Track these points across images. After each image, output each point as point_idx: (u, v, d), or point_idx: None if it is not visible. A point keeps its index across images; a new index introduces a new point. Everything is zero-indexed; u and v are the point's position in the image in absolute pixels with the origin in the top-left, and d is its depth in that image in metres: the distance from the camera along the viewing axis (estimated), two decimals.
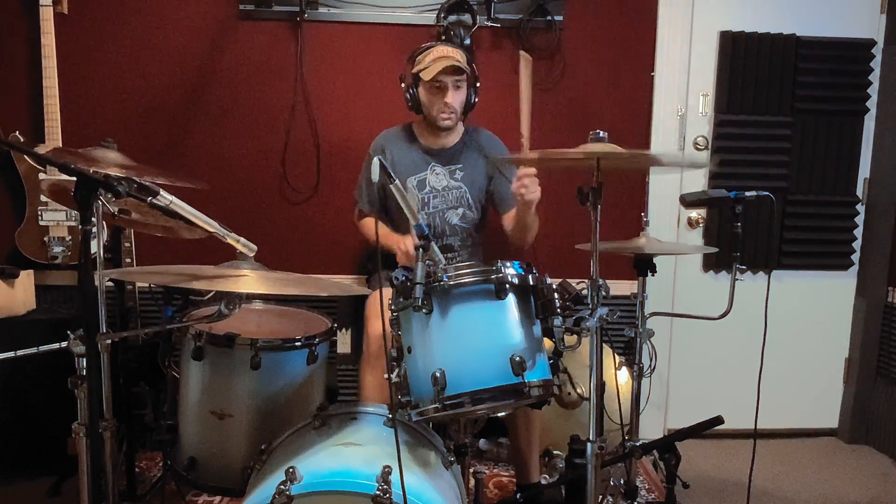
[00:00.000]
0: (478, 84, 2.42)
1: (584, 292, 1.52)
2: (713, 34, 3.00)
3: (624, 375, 2.72)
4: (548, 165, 2.37)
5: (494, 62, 2.89)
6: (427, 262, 1.50)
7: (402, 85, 2.39)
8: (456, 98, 2.34)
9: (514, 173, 2.16)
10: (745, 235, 2.12)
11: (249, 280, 1.47)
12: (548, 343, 1.57)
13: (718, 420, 2.09)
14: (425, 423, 1.66)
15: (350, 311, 2.54)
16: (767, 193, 2.03)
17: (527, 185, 2.07)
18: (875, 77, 3.05)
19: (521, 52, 2.02)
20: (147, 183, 1.34)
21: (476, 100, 2.43)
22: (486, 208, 2.54)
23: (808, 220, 3.12)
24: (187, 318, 2.03)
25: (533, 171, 2.08)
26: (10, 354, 1.61)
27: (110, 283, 2.08)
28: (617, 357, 2.35)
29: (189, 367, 1.99)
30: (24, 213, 2.71)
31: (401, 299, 1.51)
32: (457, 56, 2.31)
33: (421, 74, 2.31)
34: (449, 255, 2.43)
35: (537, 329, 1.56)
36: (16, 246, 2.71)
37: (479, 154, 2.50)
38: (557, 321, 1.53)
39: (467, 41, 2.78)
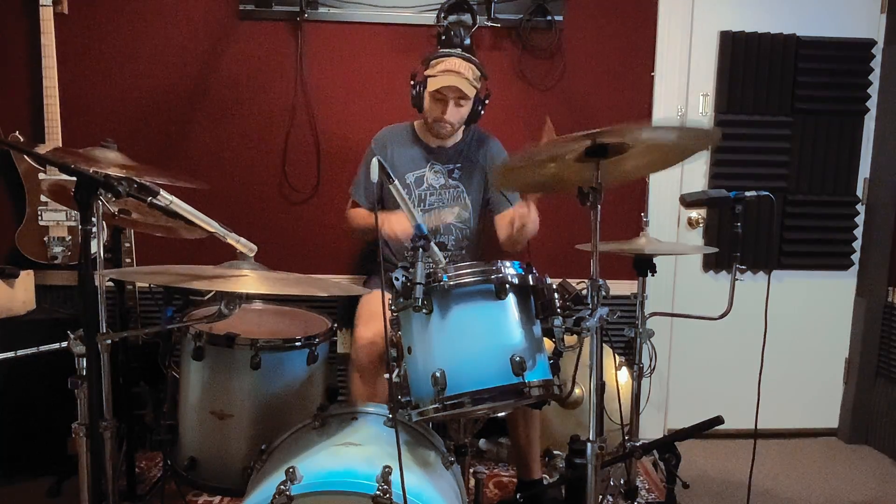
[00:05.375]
0: (487, 100, 2.40)
1: (584, 292, 1.52)
2: (713, 34, 3.00)
3: (624, 375, 2.72)
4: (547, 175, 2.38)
5: (494, 62, 2.89)
6: (427, 261, 1.50)
7: (412, 82, 2.39)
8: (454, 114, 2.34)
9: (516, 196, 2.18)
10: (745, 235, 2.12)
11: (249, 280, 1.47)
12: (548, 343, 1.57)
13: (718, 420, 2.09)
14: (425, 423, 1.66)
15: (350, 311, 2.53)
16: (767, 193, 2.03)
17: (525, 223, 2.10)
18: (875, 77, 3.05)
19: (548, 120, 2.00)
20: (147, 183, 1.34)
21: (482, 111, 2.42)
22: (482, 210, 2.54)
23: (808, 220, 3.12)
24: (187, 318, 2.03)
25: (533, 213, 2.10)
26: (10, 354, 1.62)
27: (110, 283, 2.09)
28: (617, 357, 2.35)
29: (189, 367, 1.99)
30: (24, 213, 2.70)
31: (401, 299, 1.51)
32: (467, 75, 2.29)
33: (428, 81, 2.32)
34: (442, 253, 2.43)
35: (537, 329, 1.56)
36: (16, 246, 2.71)
37: (480, 157, 2.50)
38: (557, 321, 1.53)
39: (467, 41, 2.78)
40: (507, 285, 1.52)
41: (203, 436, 1.97)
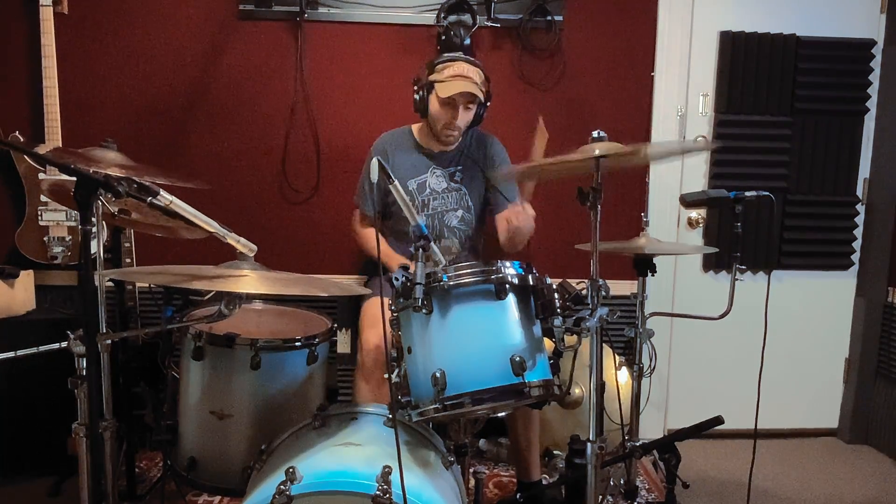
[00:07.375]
0: (488, 104, 2.40)
1: (584, 292, 1.52)
2: (713, 34, 3.00)
3: (624, 375, 2.72)
4: (548, 170, 2.39)
5: (494, 62, 2.89)
6: (427, 262, 1.50)
7: (415, 87, 2.38)
8: (463, 118, 2.35)
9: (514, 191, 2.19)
10: (745, 235, 2.13)
11: (249, 280, 1.46)
12: (548, 343, 1.57)
13: (718, 420, 2.09)
14: (425, 424, 1.66)
15: (350, 311, 2.53)
16: (767, 193, 2.03)
17: (519, 223, 2.13)
18: (875, 77, 3.05)
19: (541, 121, 2.02)
20: (147, 183, 1.34)
21: (484, 114, 2.42)
22: (484, 211, 2.54)
23: (808, 220, 3.12)
24: (187, 318, 2.03)
25: (528, 211, 2.12)
26: (10, 354, 1.62)
27: (110, 283, 2.09)
28: (617, 357, 2.35)
29: (189, 367, 1.99)
30: (24, 213, 2.71)
31: (401, 300, 1.51)
32: (475, 78, 2.30)
33: (436, 87, 2.30)
34: (447, 257, 2.43)
35: (537, 329, 1.56)
36: (16, 246, 2.71)
37: (480, 157, 2.50)
38: (557, 321, 1.53)
39: (467, 41, 2.78)
40: (507, 285, 1.51)
41: (203, 436, 1.96)
